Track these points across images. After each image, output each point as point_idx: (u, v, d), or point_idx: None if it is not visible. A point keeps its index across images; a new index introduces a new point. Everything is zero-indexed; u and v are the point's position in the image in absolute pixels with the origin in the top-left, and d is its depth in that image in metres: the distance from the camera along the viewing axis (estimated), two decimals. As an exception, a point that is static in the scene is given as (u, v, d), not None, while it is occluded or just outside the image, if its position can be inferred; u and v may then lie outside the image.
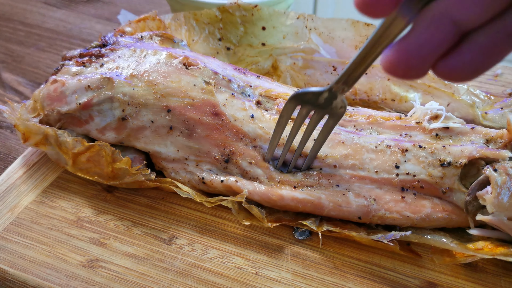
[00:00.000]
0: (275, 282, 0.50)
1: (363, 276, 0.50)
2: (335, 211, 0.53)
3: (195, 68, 0.60)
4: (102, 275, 0.50)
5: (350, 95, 0.72)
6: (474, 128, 0.56)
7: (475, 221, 0.51)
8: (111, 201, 0.59)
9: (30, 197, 0.59)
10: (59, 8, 1.21)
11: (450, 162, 0.52)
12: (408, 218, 0.52)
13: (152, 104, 0.57)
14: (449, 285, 0.49)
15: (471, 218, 0.52)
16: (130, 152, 0.60)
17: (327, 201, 0.53)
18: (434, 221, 0.52)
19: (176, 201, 0.59)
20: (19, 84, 0.92)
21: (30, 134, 0.59)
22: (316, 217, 0.55)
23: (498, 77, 0.79)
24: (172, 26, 0.76)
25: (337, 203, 0.53)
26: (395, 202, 0.52)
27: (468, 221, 0.52)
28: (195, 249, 0.53)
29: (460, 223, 0.53)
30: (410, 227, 0.53)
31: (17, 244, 0.53)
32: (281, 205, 0.54)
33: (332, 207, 0.53)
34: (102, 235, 0.55)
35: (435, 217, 0.52)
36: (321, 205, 0.53)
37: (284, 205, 0.54)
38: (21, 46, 1.04)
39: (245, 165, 0.56)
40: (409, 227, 0.53)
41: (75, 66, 0.63)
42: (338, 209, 0.53)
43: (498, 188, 0.48)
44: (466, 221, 0.52)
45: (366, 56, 0.39)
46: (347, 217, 0.53)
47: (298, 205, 0.54)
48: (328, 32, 0.74)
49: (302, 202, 0.53)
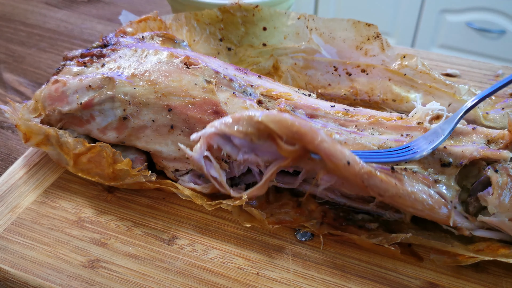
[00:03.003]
0: (276, 283, 0.50)
1: (364, 276, 0.50)
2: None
3: (196, 67, 0.60)
4: (103, 275, 0.50)
5: (351, 96, 0.72)
6: (475, 128, 0.56)
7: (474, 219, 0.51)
8: (112, 201, 0.59)
9: (31, 198, 0.59)
10: (60, 8, 1.21)
11: (450, 162, 0.52)
12: (395, 186, 0.49)
13: (153, 103, 0.57)
14: (450, 286, 0.49)
15: (451, 215, 0.51)
16: (131, 152, 0.60)
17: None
18: (419, 202, 0.50)
19: (177, 202, 0.59)
20: (20, 84, 0.92)
21: (31, 134, 0.59)
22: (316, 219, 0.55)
23: (499, 77, 0.79)
24: (173, 27, 0.76)
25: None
26: (386, 175, 0.51)
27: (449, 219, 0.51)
28: (196, 249, 0.53)
29: (442, 219, 0.51)
30: (410, 229, 0.53)
31: (18, 245, 0.53)
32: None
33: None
34: (103, 236, 0.55)
35: (420, 198, 0.50)
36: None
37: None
38: (22, 46, 1.04)
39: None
40: (409, 228, 0.53)
41: (76, 66, 0.63)
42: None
43: (499, 189, 0.48)
44: (447, 218, 0.51)
45: None
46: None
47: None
48: (329, 32, 0.74)
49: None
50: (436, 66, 0.82)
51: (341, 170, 0.46)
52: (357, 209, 0.56)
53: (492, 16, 1.70)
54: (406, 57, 0.72)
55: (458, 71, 0.80)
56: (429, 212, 0.50)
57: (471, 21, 1.74)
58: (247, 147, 0.50)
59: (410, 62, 0.71)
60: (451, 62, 0.83)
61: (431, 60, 0.84)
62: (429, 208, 0.50)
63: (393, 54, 0.72)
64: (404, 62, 0.71)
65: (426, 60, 0.82)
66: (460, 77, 0.79)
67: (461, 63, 0.83)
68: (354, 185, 0.49)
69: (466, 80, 0.78)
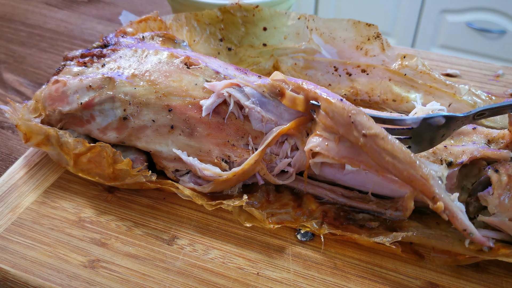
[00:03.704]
0: (276, 283, 0.50)
1: (364, 276, 0.50)
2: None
3: (196, 67, 0.60)
4: (103, 275, 0.50)
5: (351, 96, 0.72)
6: (475, 128, 0.56)
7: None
8: (112, 201, 0.59)
9: (31, 198, 0.59)
10: (60, 8, 1.21)
11: (451, 162, 0.52)
12: (380, 128, 0.49)
13: (153, 103, 0.57)
14: (450, 286, 0.49)
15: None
16: (131, 152, 0.60)
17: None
18: (401, 152, 0.48)
19: (177, 202, 0.59)
20: (21, 84, 0.92)
21: (31, 135, 0.59)
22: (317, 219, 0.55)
23: (499, 77, 0.79)
24: (174, 27, 0.76)
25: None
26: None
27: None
28: (196, 249, 0.53)
29: (420, 182, 0.48)
30: (411, 227, 0.53)
31: (18, 245, 0.53)
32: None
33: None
34: (103, 236, 0.55)
35: (404, 149, 0.48)
36: None
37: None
38: (22, 46, 1.04)
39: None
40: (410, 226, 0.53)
41: (76, 66, 0.63)
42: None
43: (499, 189, 0.48)
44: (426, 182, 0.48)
45: None
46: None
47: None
48: (329, 32, 0.74)
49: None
50: (436, 66, 0.82)
51: (334, 105, 0.51)
52: (357, 208, 0.56)
53: (492, 16, 1.70)
54: (406, 57, 0.72)
55: (458, 71, 0.80)
56: (408, 170, 0.47)
57: (471, 21, 1.74)
58: (257, 98, 0.55)
59: (410, 62, 0.71)
60: (451, 62, 0.83)
61: (431, 60, 0.84)
62: (410, 162, 0.47)
63: (393, 54, 0.72)
64: (404, 62, 0.71)
65: (426, 60, 0.82)
66: (460, 77, 0.79)
67: (461, 63, 0.83)
68: (341, 123, 0.50)
69: (466, 80, 0.78)
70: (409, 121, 0.51)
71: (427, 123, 0.50)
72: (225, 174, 0.55)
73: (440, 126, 0.50)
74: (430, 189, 0.46)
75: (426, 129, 0.50)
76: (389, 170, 0.48)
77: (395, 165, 0.47)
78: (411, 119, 0.50)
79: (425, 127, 0.50)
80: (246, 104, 0.55)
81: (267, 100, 0.56)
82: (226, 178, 0.54)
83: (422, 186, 0.46)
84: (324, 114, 0.51)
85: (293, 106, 0.55)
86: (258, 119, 0.55)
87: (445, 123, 0.50)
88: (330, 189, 0.57)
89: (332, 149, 0.51)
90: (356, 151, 0.50)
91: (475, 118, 0.51)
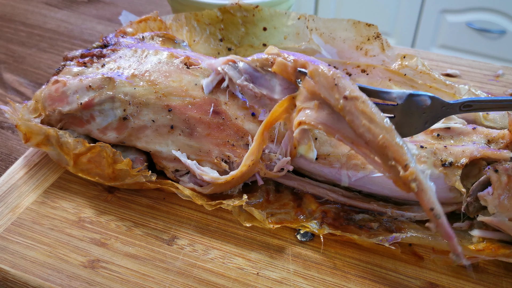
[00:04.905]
0: (276, 283, 0.50)
1: (364, 276, 0.50)
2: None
3: (196, 67, 0.60)
4: (103, 275, 0.50)
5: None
6: (475, 128, 0.56)
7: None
8: (112, 201, 0.59)
9: (31, 198, 0.59)
10: (60, 8, 1.21)
11: (451, 162, 0.52)
12: (362, 94, 0.49)
13: (153, 103, 0.57)
14: (450, 286, 0.49)
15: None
16: (131, 153, 0.60)
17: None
18: (378, 116, 0.47)
19: (177, 202, 0.59)
20: (21, 84, 0.92)
21: (31, 135, 0.59)
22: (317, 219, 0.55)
23: (499, 77, 0.79)
24: (173, 27, 0.76)
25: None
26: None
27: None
28: (196, 249, 0.53)
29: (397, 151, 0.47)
30: (411, 229, 0.53)
31: (18, 245, 0.53)
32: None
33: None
34: (103, 236, 0.55)
35: (383, 116, 0.48)
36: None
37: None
38: (22, 46, 1.04)
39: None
40: (410, 228, 0.53)
41: (76, 67, 0.63)
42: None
43: (499, 189, 0.48)
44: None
45: None
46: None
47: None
48: (329, 32, 0.74)
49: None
50: (436, 66, 0.82)
51: (321, 69, 0.50)
52: (357, 208, 0.56)
53: (492, 16, 1.70)
54: (406, 57, 0.72)
55: (458, 71, 0.80)
56: (384, 135, 0.45)
57: (471, 21, 1.74)
58: (249, 74, 0.56)
59: (410, 62, 0.71)
60: (451, 62, 0.83)
61: (431, 60, 0.84)
62: (386, 128, 0.46)
63: (393, 54, 0.72)
64: (404, 62, 0.71)
65: (426, 60, 0.82)
66: (460, 77, 0.79)
67: (461, 63, 0.83)
68: (324, 85, 0.50)
69: (466, 80, 0.78)
70: (395, 94, 0.50)
71: (412, 100, 0.50)
72: (223, 178, 0.55)
73: (425, 110, 0.50)
74: (403, 156, 0.44)
75: (410, 110, 0.50)
76: (364, 136, 0.46)
77: (371, 129, 0.46)
78: (397, 93, 0.50)
79: (410, 106, 0.50)
80: (238, 82, 0.56)
81: (260, 75, 0.56)
82: (225, 181, 0.54)
83: (395, 153, 0.45)
84: (310, 78, 0.51)
85: (281, 72, 0.54)
86: (252, 95, 0.56)
87: (430, 106, 0.49)
88: (330, 189, 0.58)
89: (311, 115, 0.51)
90: (334, 119, 0.49)
91: (461, 109, 0.51)
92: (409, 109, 0.50)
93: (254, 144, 0.54)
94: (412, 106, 0.50)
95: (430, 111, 0.50)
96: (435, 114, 0.50)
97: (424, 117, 0.50)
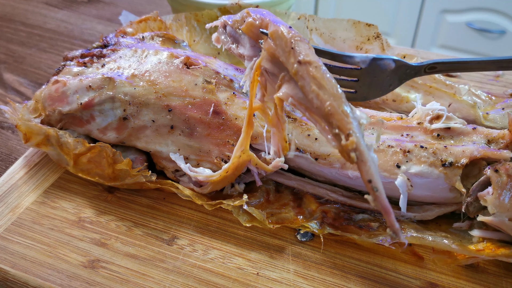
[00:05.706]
0: (276, 283, 0.50)
1: (364, 276, 0.50)
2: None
3: (196, 67, 0.60)
4: (103, 275, 0.50)
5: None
6: (475, 128, 0.56)
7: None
8: (112, 201, 0.59)
9: (31, 198, 0.59)
10: (60, 9, 1.21)
11: (451, 162, 0.52)
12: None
13: (153, 103, 0.57)
14: (450, 286, 0.49)
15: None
16: (131, 153, 0.60)
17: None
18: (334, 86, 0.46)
19: (177, 202, 0.59)
20: (21, 84, 0.92)
21: (31, 135, 0.59)
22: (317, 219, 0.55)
23: (499, 77, 0.79)
24: (173, 27, 0.77)
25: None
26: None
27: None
28: (196, 249, 0.53)
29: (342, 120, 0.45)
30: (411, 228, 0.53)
31: (18, 245, 0.53)
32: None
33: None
34: (103, 236, 0.55)
35: (340, 88, 0.46)
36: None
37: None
38: (22, 46, 1.04)
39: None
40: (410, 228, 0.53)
41: (76, 67, 0.63)
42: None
43: (499, 189, 0.48)
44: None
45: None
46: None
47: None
48: (329, 32, 0.74)
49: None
50: (436, 66, 0.82)
51: (281, 31, 0.48)
52: (357, 208, 0.56)
53: (492, 16, 1.70)
54: (406, 57, 0.72)
55: (458, 71, 0.80)
56: (331, 103, 0.43)
57: (471, 21, 1.74)
58: (233, 37, 0.56)
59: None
60: (451, 62, 0.83)
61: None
62: (335, 95, 0.44)
63: (393, 54, 0.72)
64: (404, 62, 0.71)
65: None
66: (460, 77, 0.79)
67: (461, 63, 0.83)
68: (283, 48, 0.48)
69: (466, 80, 0.78)
70: (358, 58, 0.50)
71: (376, 64, 0.50)
72: (216, 175, 0.54)
73: (389, 73, 0.50)
74: (346, 125, 0.42)
75: (374, 73, 0.50)
76: (313, 102, 0.45)
77: (319, 96, 0.44)
78: (360, 57, 0.50)
79: (374, 70, 0.50)
80: (226, 47, 0.58)
81: (238, 35, 0.56)
82: (220, 176, 0.54)
83: (340, 121, 0.43)
84: (271, 40, 0.49)
85: (248, 32, 0.52)
86: (238, 54, 0.57)
87: (394, 69, 0.49)
88: (330, 189, 0.58)
89: (282, 90, 0.49)
90: (296, 88, 0.48)
91: (426, 71, 0.51)
92: (373, 72, 0.50)
93: (242, 136, 0.53)
94: (376, 69, 0.50)
95: (394, 74, 0.50)
96: (399, 77, 0.50)
97: (388, 80, 0.50)
